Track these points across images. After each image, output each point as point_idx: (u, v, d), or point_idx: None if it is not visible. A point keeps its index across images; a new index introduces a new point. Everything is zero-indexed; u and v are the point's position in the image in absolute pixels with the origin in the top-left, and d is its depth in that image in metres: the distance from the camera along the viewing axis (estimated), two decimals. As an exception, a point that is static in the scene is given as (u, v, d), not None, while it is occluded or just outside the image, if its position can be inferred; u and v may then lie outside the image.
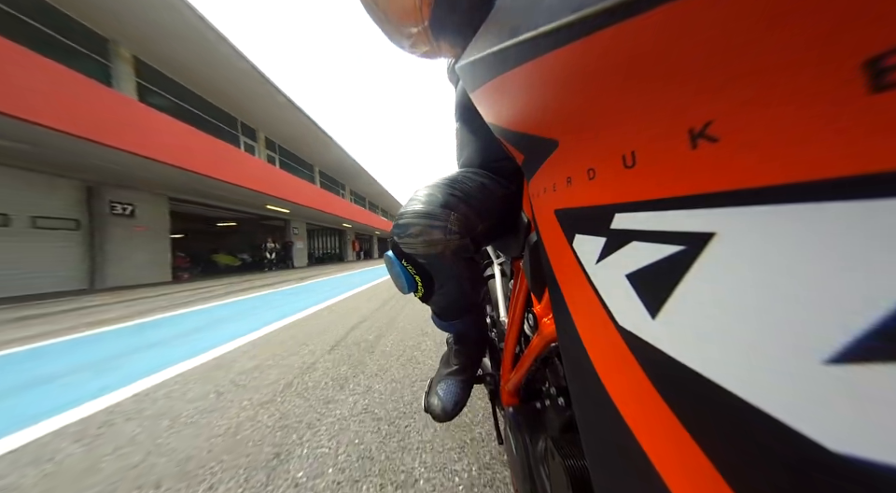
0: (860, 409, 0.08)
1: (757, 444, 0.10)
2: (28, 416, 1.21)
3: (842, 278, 0.08)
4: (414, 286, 0.50)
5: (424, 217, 0.46)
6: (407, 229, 0.46)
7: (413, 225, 0.46)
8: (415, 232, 0.45)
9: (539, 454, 0.46)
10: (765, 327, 0.10)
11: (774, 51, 0.10)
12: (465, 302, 0.57)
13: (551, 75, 0.20)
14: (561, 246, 0.24)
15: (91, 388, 1.47)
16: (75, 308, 4.12)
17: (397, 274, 0.50)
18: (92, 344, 2.37)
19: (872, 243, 0.08)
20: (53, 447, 1.01)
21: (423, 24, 0.45)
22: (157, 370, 1.69)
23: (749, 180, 0.11)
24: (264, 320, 2.92)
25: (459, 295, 0.54)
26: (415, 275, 0.48)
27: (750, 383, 0.11)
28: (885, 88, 0.07)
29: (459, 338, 0.68)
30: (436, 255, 0.46)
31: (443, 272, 0.48)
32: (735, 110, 0.11)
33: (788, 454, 0.10)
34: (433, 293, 0.51)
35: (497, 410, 0.79)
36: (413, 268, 0.48)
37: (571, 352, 0.23)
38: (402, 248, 0.47)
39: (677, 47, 0.12)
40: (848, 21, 0.08)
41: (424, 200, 0.47)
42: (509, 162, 0.54)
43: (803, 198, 0.09)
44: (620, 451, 0.17)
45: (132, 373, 1.65)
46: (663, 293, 0.14)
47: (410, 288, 0.50)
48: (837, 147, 0.09)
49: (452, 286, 0.51)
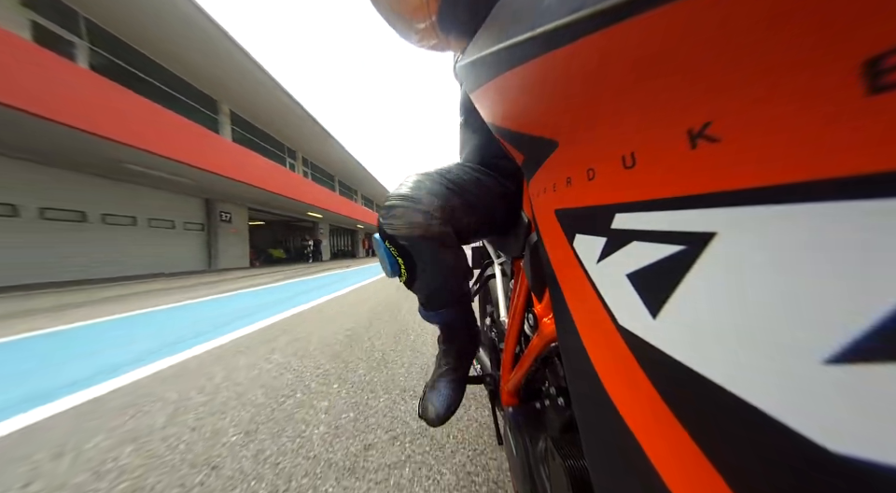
0: (860, 409, 0.08)
1: (757, 445, 0.10)
2: (302, 300, 3.54)
3: (842, 278, 0.08)
4: (398, 269, 0.51)
5: (407, 200, 0.48)
6: (391, 210, 0.48)
7: (396, 207, 0.47)
8: (398, 213, 0.47)
9: (539, 454, 0.46)
10: (766, 327, 0.10)
11: (773, 52, 0.10)
12: (447, 292, 0.57)
13: (550, 75, 0.20)
14: (561, 246, 0.24)
15: (314, 297, 3.82)
16: (239, 277, 7.09)
17: (381, 255, 0.52)
18: (291, 286, 5.10)
19: (872, 243, 0.08)
20: (325, 304, 3.30)
21: (431, 19, 0.46)
22: (324, 297, 3.86)
23: (749, 180, 0.11)
24: (352, 282, 5.55)
25: (441, 284, 0.54)
26: (398, 258, 0.49)
27: (750, 383, 0.11)
28: (884, 88, 0.08)
29: (446, 333, 0.68)
30: (417, 238, 0.47)
31: (424, 257, 0.49)
32: (735, 111, 0.11)
33: (787, 454, 0.10)
34: (416, 279, 0.51)
35: (496, 410, 0.79)
36: (396, 250, 0.49)
37: (571, 352, 0.23)
38: (385, 229, 0.48)
39: (676, 47, 0.12)
40: (848, 22, 0.08)
41: (411, 185, 0.50)
42: (508, 162, 0.54)
43: (803, 198, 0.09)
44: (620, 451, 0.17)
45: (315, 297, 3.86)
46: (663, 293, 0.14)
47: (393, 271, 0.51)
48: (837, 148, 0.09)
49: (432, 273, 0.51)
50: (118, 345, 1.95)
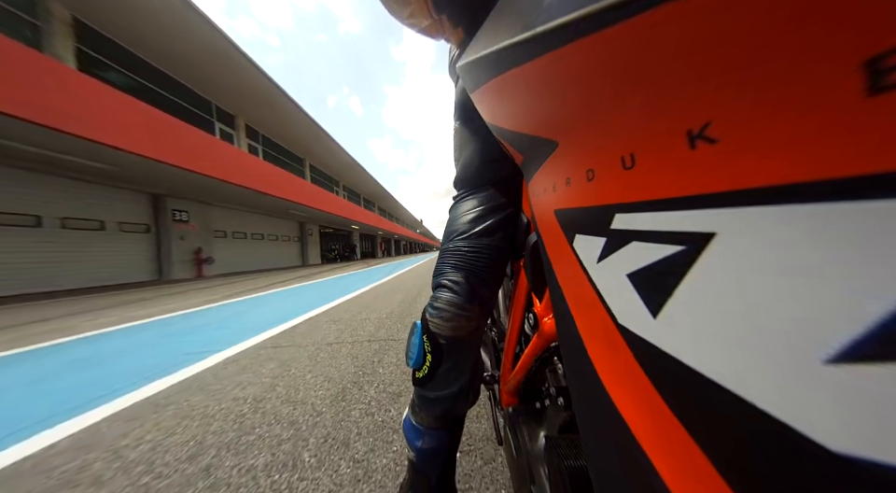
0: (860, 409, 0.08)
1: (757, 444, 0.11)
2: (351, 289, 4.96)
3: (842, 278, 0.08)
4: (421, 363, 0.51)
5: (456, 307, 0.50)
6: (441, 312, 0.50)
7: (445, 311, 0.50)
8: (446, 316, 0.50)
9: (539, 454, 0.46)
10: (766, 327, 0.10)
11: (773, 52, 0.10)
12: (453, 403, 0.54)
13: (550, 75, 0.20)
14: (561, 246, 0.24)
15: (364, 284, 5.53)
16: (327, 270, 10.68)
17: (413, 343, 0.53)
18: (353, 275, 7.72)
19: (872, 243, 0.08)
20: (375, 287, 5.06)
21: None
22: (380, 280, 6.14)
23: (749, 180, 0.11)
24: (402, 268, 9.60)
25: (455, 392, 0.53)
26: (428, 353, 0.51)
27: (751, 383, 0.11)
28: (884, 89, 0.08)
29: (422, 461, 0.57)
30: (458, 338, 0.50)
31: (455, 354, 0.51)
32: (734, 111, 0.11)
33: (787, 453, 0.10)
34: (432, 379, 0.51)
35: (496, 410, 0.79)
36: (431, 346, 0.51)
37: (571, 352, 0.23)
38: (430, 326, 0.51)
39: (676, 47, 0.12)
40: (848, 22, 0.08)
41: (455, 289, 0.51)
42: (508, 162, 0.54)
43: (803, 198, 0.09)
44: (620, 451, 0.17)
45: (382, 276, 6.91)
46: (663, 293, 0.14)
47: (416, 362, 0.52)
48: (836, 148, 0.09)
49: (455, 376, 0.52)
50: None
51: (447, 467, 0.58)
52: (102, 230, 6.82)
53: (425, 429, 0.56)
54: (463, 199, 0.60)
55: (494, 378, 0.74)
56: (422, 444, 0.56)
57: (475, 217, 0.55)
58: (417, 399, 0.57)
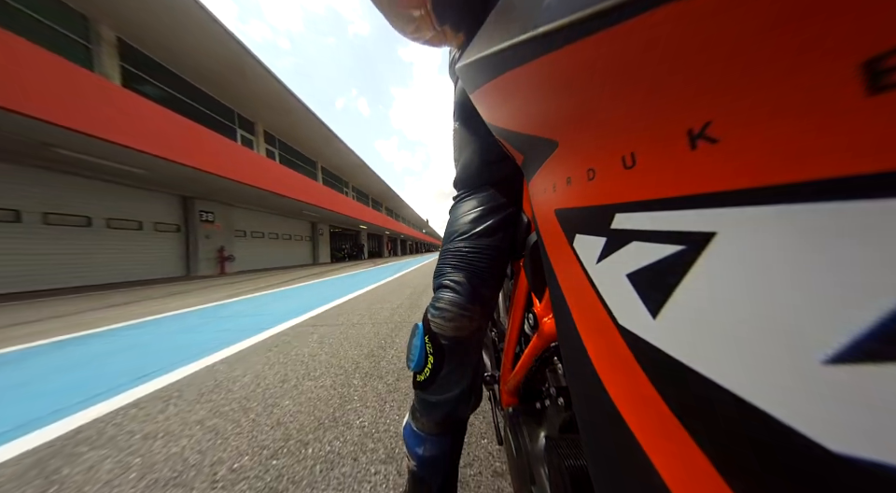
0: (860, 409, 0.08)
1: (757, 444, 0.11)
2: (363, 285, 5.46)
3: (842, 278, 0.08)
4: (422, 366, 0.51)
5: (458, 307, 0.51)
6: (443, 313, 0.50)
7: (447, 311, 0.50)
8: (448, 316, 0.50)
9: (539, 454, 0.46)
10: (766, 327, 0.10)
11: (773, 52, 0.10)
12: (456, 406, 0.52)
13: (550, 75, 0.20)
14: (561, 246, 0.24)
15: (375, 281, 6.08)
16: (342, 267, 12.00)
17: (415, 345, 0.53)
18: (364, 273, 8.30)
19: (871, 243, 0.08)
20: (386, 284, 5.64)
21: (426, 7, 0.45)
22: (390, 277, 6.74)
23: (749, 180, 0.11)
24: (409, 267, 10.39)
25: (456, 396, 0.52)
26: (430, 354, 0.51)
27: (751, 383, 0.11)
28: (884, 89, 0.08)
29: (424, 469, 0.56)
30: (460, 339, 0.50)
31: (457, 355, 0.51)
32: (735, 111, 0.11)
33: (787, 454, 0.10)
34: (433, 382, 0.51)
35: (496, 410, 0.79)
36: (433, 347, 0.50)
37: (571, 352, 0.23)
38: (432, 326, 0.51)
39: (676, 47, 0.12)
40: (847, 22, 0.08)
41: (457, 289, 0.52)
42: (508, 163, 0.54)
43: (803, 198, 0.09)
44: (620, 451, 0.17)
45: (391, 274, 7.63)
46: (663, 293, 0.14)
47: (417, 365, 0.52)
48: (837, 148, 0.09)
49: (456, 378, 0.51)
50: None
51: (449, 475, 0.57)
52: (140, 229, 7.52)
53: (426, 434, 0.55)
54: (463, 199, 0.60)
55: (494, 378, 0.74)
56: (423, 451, 0.54)
57: (475, 217, 0.55)
58: (418, 403, 0.55)
